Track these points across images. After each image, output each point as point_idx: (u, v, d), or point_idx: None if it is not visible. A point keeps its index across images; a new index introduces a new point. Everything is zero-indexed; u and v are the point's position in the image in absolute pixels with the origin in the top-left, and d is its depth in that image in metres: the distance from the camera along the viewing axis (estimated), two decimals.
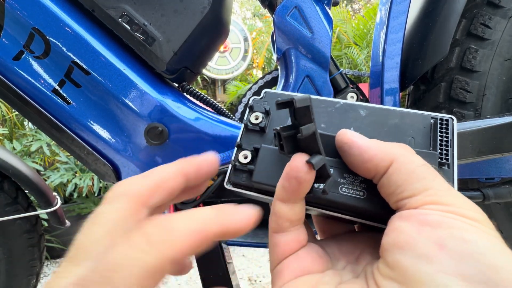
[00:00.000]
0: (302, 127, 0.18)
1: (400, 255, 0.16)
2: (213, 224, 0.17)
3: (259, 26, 5.39)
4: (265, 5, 0.59)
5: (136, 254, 0.14)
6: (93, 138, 0.51)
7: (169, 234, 0.15)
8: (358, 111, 0.25)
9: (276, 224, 0.21)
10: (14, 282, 0.78)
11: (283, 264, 0.21)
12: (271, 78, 1.08)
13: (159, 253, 0.14)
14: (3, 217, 0.73)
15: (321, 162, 0.19)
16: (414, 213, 0.17)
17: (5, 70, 0.48)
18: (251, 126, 0.26)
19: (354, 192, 0.21)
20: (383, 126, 0.24)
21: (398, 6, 0.57)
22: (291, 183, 0.19)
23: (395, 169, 0.19)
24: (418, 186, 0.18)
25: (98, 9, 0.47)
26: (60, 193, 1.83)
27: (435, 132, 0.23)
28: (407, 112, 0.24)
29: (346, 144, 0.21)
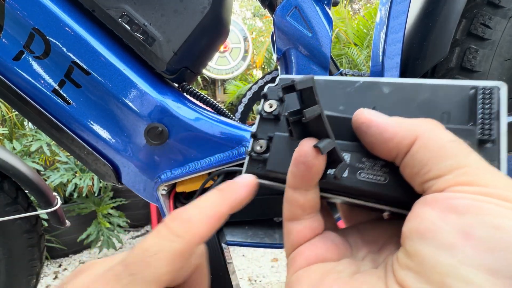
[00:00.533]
0: (306, 110, 0.17)
1: (419, 243, 0.15)
2: (222, 206, 0.19)
3: (259, 26, 5.39)
4: (265, 5, 0.59)
5: (165, 242, 0.16)
6: (93, 138, 0.51)
7: (189, 225, 0.17)
8: (381, 88, 0.23)
9: (289, 212, 0.21)
10: (14, 282, 0.78)
11: (297, 252, 0.20)
12: (271, 78, 1.08)
13: (184, 240, 0.17)
14: (3, 217, 0.73)
15: (329, 146, 0.18)
16: (439, 197, 0.15)
17: (5, 70, 0.48)
18: (266, 115, 0.25)
19: (374, 177, 0.19)
20: (411, 103, 0.21)
21: (398, 6, 0.57)
22: (300, 169, 0.19)
23: (419, 146, 0.17)
24: (447, 165, 0.16)
25: (98, 9, 0.47)
26: (60, 193, 1.83)
27: (474, 104, 0.19)
28: (441, 84, 0.21)
29: (364, 123, 0.19)
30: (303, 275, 0.19)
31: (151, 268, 0.16)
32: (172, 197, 0.53)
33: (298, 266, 0.20)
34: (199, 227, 0.17)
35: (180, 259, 0.16)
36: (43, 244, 0.84)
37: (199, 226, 0.17)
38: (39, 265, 0.82)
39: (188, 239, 0.17)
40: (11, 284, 0.78)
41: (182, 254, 0.16)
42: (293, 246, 0.21)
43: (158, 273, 0.16)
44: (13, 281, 0.78)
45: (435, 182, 0.16)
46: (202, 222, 0.18)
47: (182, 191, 0.53)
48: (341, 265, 0.19)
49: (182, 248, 0.16)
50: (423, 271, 0.14)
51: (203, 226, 0.18)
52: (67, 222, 0.84)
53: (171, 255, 0.16)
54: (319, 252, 0.20)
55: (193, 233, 0.17)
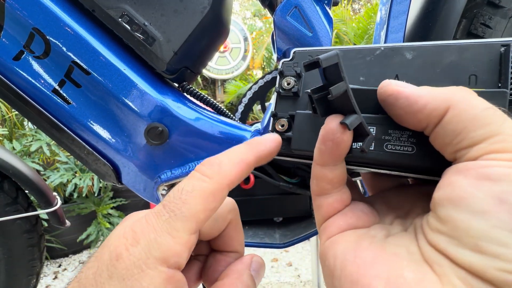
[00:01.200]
0: (332, 88, 0.17)
1: (452, 210, 0.15)
2: (249, 154, 0.20)
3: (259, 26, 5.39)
4: (265, 5, 0.59)
5: (198, 183, 0.18)
6: (93, 138, 0.51)
7: (219, 168, 0.19)
8: (404, 54, 0.21)
9: (318, 187, 0.21)
10: (14, 282, 0.78)
11: (328, 222, 0.21)
12: (271, 78, 1.08)
13: (214, 181, 0.18)
14: (3, 217, 0.73)
15: (356, 122, 0.17)
16: (472, 165, 0.15)
17: (5, 70, 0.48)
18: (284, 93, 0.24)
19: (401, 148, 0.19)
20: (435, 67, 0.20)
21: (398, 6, 0.57)
22: (328, 146, 0.19)
23: (452, 116, 0.16)
24: (481, 133, 0.15)
25: (98, 9, 0.47)
26: (60, 193, 1.83)
27: (506, 63, 0.18)
28: (467, 45, 0.20)
29: (392, 95, 0.18)
30: (337, 240, 0.20)
31: (188, 204, 0.17)
32: None
33: (331, 233, 0.20)
34: (227, 170, 0.19)
35: (213, 198, 0.18)
36: (43, 244, 0.84)
37: (227, 169, 0.19)
38: (39, 265, 0.82)
39: (217, 180, 0.18)
40: (11, 284, 0.78)
41: (214, 193, 0.18)
42: (324, 218, 0.21)
43: (194, 209, 0.17)
44: (13, 281, 0.78)
45: (468, 151, 0.16)
46: (230, 166, 0.19)
47: None
48: (373, 230, 0.20)
49: (213, 188, 0.18)
50: (456, 235, 0.15)
51: (231, 169, 0.19)
52: (67, 222, 0.84)
53: (204, 193, 0.18)
54: (350, 221, 0.20)
55: (222, 175, 0.18)
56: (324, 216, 0.21)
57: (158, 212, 0.17)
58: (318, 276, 1.29)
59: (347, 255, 0.18)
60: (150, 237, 0.16)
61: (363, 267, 0.17)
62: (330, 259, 0.19)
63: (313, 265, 1.31)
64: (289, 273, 1.65)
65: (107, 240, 0.18)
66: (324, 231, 0.21)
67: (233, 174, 0.19)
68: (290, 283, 1.55)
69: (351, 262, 0.18)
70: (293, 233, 0.56)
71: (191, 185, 0.18)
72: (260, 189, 0.57)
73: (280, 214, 0.59)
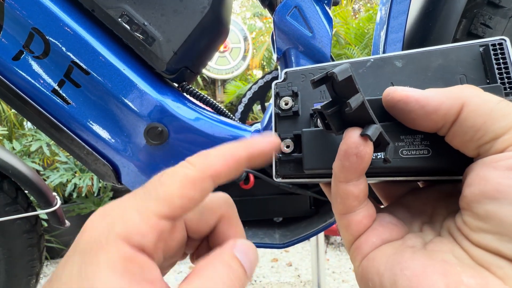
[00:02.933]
0: (350, 100, 0.17)
1: (492, 205, 0.15)
2: (241, 150, 0.19)
3: (259, 26, 5.39)
4: (265, 5, 0.59)
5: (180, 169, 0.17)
6: (93, 138, 0.51)
7: (206, 157, 0.18)
8: (393, 63, 0.22)
9: (343, 206, 0.20)
10: (13, 282, 0.78)
11: (360, 240, 0.20)
12: (271, 78, 1.07)
13: (198, 169, 0.17)
14: (3, 217, 0.73)
15: (377, 132, 0.17)
16: (500, 157, 0.15)
17: (5, 70, 0.48)
18: (283, 113, 0.24)
19: (417, 152, 0.19)
20: (426, 71, 0.21)
21: (398, 6, 0.57)
22: (352, 161, 0.18)
23: (469, 113, 0.16)
24: (503, 125, 0.15)
25: (98, 9, 0.47)
26: (60, 193, 1.83)
27: (489, 61, 0.20)
28: (450, 48, 0.21)
29: (401, 101, 0.18)
30: (375, 257, 0.19)
31: (164, 186, 0.16)
32: None
33: (365, 252, 0.20)
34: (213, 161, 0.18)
35: (192, 185, 0.17)
36: (42, 244, 0.84)
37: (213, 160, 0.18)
38: (38, 265, 0.82)
39: (200, 168, 0.17)
40: (11, 284, 0.78)
41: (194, 181, 0.17)
42: (354, 237, 0.20)
43: (169, 192, 0.16)
44: (13, 281, 0.78)
45: (492, 144, 0.16)
46: (217, 158, 0.18)
47: None
48: (408, 240, 0.19)
49: (194, 175, 0.17)
50: (505, 231, 0.14)
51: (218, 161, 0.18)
52: (67, 222, 0.84)
53: (184, 179, 0.16)
54: (383, 236, 0.20)
55: (207, 164, 0.17)
56: (354, 235, 0.20)
57: (135, 191, 0.17)
58: (318, 276, 1.29)
59: (393, 269, 0.17)
60: (117, 212, 0.16)
61: (415, 278, 0.16)
62: (375, 278, 0.18)
63: (313, 265, 1.31)
64: (289, 273, 1.65)
65: None
66: (357, 251, 0.20)
67: (218, 165, 0.18)
68: (290, 283, 1.55)
69: (400, 275, 0.17)
70: (293, 233, 0.56)
71: (173, 170, 0.17)
72: (260, 189, 0.57)
73: (280, 214, 0.59)
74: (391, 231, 0.20)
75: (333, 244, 1.98)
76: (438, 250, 0.17)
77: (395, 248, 0.18)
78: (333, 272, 1.65)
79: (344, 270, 1.67)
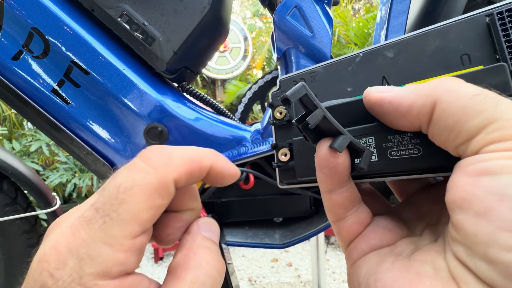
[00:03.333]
0: (308, 118, 0.16)
1: (460, 214, 0.14)
2: (207, 158, 0.17)
3: (259, 26, 5.39)
4: (265, 5, 0.59)
5: (139, 176, 0.15)
6: (93, 138, 0.50)
7: (169, 158, 0.16)
8: (384, 54, 0.20)
9: (332, 214, 0.20)
10: (13, 282, 0.78)
11: (351, 246, 0.20)
12: (271, 78, 1.08)
13: (161, 174, 0.15)
14: (3, 217, 0.73)
15: (345, 142, 0.17)
16: (472, 161, 0.14)
17: (4, 70, 0.48)
18: (278, 123, 0.24)
19: (406, 152, 0.18)
20: (422, 58, 0.19)
21: (399, 5, 0.57)
22: (326, 173, 0.18)
23: (441, 111, 0.15)
24: (475, 123, 0.14)
25: (97, 8, 0.47)
26: (59, 193, 1.82)
27: (496, 33, 0.17)
28: (447, 26, 0.18)
29: (375, 103, 0.18)
30: (360, 264, 0.19)
31: (126, 204, 0.14)
32: None
33: (354, 258, 0.20)
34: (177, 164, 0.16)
35: (158, 194, 0.15)
36: None
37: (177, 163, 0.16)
38: None
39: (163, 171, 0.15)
40: (11, 284, 0.77)
41: (158, 188, 0.15)
42: (346, 243, 0.21)
43: (134, 209, 0.14)
44: (12, 281, 0.78)
45: (467, 145, 0.15)
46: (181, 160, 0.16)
47: None
48: (398, 247, 0.19)
49: (157, 182, 0.15)
50: (468, 243, 0.14)
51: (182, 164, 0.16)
52: None
53: (147, 189, 0.14)
54: (373, 242, 0.20)
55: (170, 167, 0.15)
56: (345, 241, 0.21)
57: (88, 218, 0.14)
58: (318, 276, 1.29)
59: (369, 279, 0.17)
60: (79, 253, 0.13)
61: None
62: (355, 286, 0.18)
63: (313, 265, 1.31)
64: (289, 273, 1.65)
65: (30, 267, 0.14)
66: (348, 257, 0.20)
67: (183, 170, 0.16)
68: (290, 283, 1.55)
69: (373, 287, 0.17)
70: (293, 233, 0.56)
71: (131, 180, 0.14)
72: (260, 189, 0.57)
73: (280, 214, 0.59)
74: (382, 237, 0.20)
75: (333, 244, 1.98)
76: (420, 260, 0.16)
77: (380, 257, 0.18)
78: (333, 272, 1.65)
79: (344, 270, 1.67)
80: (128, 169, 0.15)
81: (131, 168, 0.15)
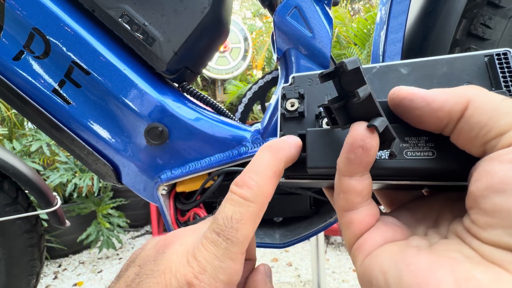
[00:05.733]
0: (359, 90, 0.17)
1: (499, 197, 0.15)
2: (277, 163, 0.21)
3: (259, 26, 5.39)
4: (265, 5, 0.59)
5: (244, 210, 0.20)
6: (93, 138, 0.51)
7: (259, 190, 0.20)
8: (399, 70, 0.23)
9: (346, 202, 0.20)
10: (14, 282, 0.78)
11: (363, 239, 0.20)
12: (271, 78, 1.08)
13: (259, 204, 0.20)
14: (3, 217, 0.73)
15: (383, 124, 0.17)
16: (505, 152, 0.15)
17: (5, 70, 0.48)
18: (289, 114, 0.25)
19: (421, 154, 0.19)
20: (431, 79, 0.22)
21: (398, 5, 0.57)
22: (358, 153, 0.18)
23: (475, 109, 0.17)
24: (507, 121, 0.16)
25: (98, 9, 0.47)
26: (60, 193, 1.83)
27: (493, 69, 0.21)
28: (455, 57, 0.22)
29: (406, 98, 0.19)
30: (379, 254, 0.18)
31: (240, 231, 0.19)
32: (172, 197, 0.53)
33: (368, 250, 0.19)
34: (266, 190, 0.20)
35: (259, 219, 0.20)
36: (43, 244, 0.84)
37: (266, 189, 0.20)
38: (39, 265, 0.82)
39: (261, 201, 0.20)
40: (11, 284, 0.78)
41: (259, 215, 0.20)
42: (356, 236, 0.20)
43: (246, 234, 0.19)
44: (13, 281, 0.78)
45: (498, 140, 0.16)
46: (267, 184, 0.20)
47: (182, 191, 0.53)
48: (412, 241, 0.19)
49: (258, 211, 0.20)
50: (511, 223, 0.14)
51: (268, 187, 0.20)
52: (67, 222, 0.84)
53: (252, 218, 0.20)
54: (387, 234, 0.19)
55: (264, 196, 0.20)
56: (356, 233, 0.20)
57: (213, 240, 0.19)
58: (318, 276, 1.29)
59: (398, 265, 0.17)
60: (214, 264, 0.19)
61: (421, 274, 0.15)
62: (379, 276, 0.17)
63: (313, 265, 1.31)
64: (289, 273, 1.65)
65: (164, 266, 0.20)
66: (359, 250, 0.20)
67: (270, 190, 0.20)
68: (290, 283, 1.55)
69: (405, 271, 0.16)
70: (293, 233, 0.56)
71: (239, 214, 0.20)
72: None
73: (280, 214, 0.59)
74: (394, 232, 0.20)
75: (333, 244, 1.98)
76: (445, 249, 0.17)
77: (400, 246, 0.18)
78: (333, 272, 1.65)
79: (344, 270, 1.67)
80: (232, 204, 0.20)
81: (235, 204, 0.20)
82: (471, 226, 0.16)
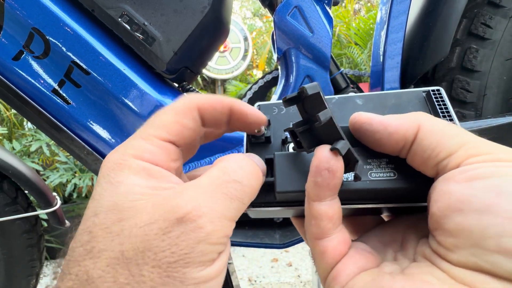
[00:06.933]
0: (319, 114, 0.17)
1: (459, 217, 0.15)
2: (227, 99, 0.21)
3: (259, 25, 5.39)
4: (265, 5, 0.59)
5: (172, 104, 0.20)
6: (93, 138, 0.50)
7: (194, 95, 0.21)
8: (355, 101, 0.26)
9: (318, 229, 0.19)
10: (13, 282, 0.78)
11: (337, 269, 0.19)
12: (271, 78, 1.07)
13: (187, 101, 0.20)
14: (3, 217, 0.73)
15: (346, 146, 0.18)
16: (459, 171, 0.16)
17: (5, 70, 0.48)
18: (255, 140, 0.25)
19: (384, 174, 0.20)
20: (383, 109, 0.25)
21: (399, 6, 0.57)
22: (324, 176, 0.18)
23: (425, 133, 0.18)
24: (455, 142, 0.17)
25: (98, 9, 0.47)
26: (60, 193, 1.83)
27: (431, 103, 0.24)
28: (401, 92, 0.26)
29: (365, 123, 0.20)
30: (354, 284, 0.18)
31: (160, 116, 0.20)
32: None
33: (343, 282, 0.19)
34: (200, 96, 0.21)
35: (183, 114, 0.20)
36: (42, 244, 0.83)
37: (200, 96, 0.21)
38: (38, 265, 0.82)
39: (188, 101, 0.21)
40: (11, 284, 0.78)
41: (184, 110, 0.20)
42: (331, 265, 0.19)
43: (164, 119, 0.20)
44: (13, 281, 0.78)
45: (449, 160, 0.17)
46: (204, 96, 0.21)
47: None
48: (385, 267, 0.19)
49: (184, 106, 0.20)
50: (475, 242, 0.14)
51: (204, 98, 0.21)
52: (67, 222, 0.84)
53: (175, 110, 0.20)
54: (360, 263, 0.19)
55: (194, 98, 0.21)
56: (330, 263, 0.19)
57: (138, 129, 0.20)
58: (318, 276, 1.29)
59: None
60: (125, 143, 0.19)
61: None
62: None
63: (313, 265, 1.31)
64: (289, 273, 1.65)
65: None
66: (335, 281, 0.19)
67: (204, 101, 0.21)
68: (290, 283, 1.55)
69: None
70: (293, 233, 0.56)
71: (167, 106, 0.20)
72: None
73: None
74: (367, 259, 0.19)
75: None
76: (417, 273, 0.17)
77: (374, 274, 0.18)
78: None
79: None
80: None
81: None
82: (438, 248, 0.16)
